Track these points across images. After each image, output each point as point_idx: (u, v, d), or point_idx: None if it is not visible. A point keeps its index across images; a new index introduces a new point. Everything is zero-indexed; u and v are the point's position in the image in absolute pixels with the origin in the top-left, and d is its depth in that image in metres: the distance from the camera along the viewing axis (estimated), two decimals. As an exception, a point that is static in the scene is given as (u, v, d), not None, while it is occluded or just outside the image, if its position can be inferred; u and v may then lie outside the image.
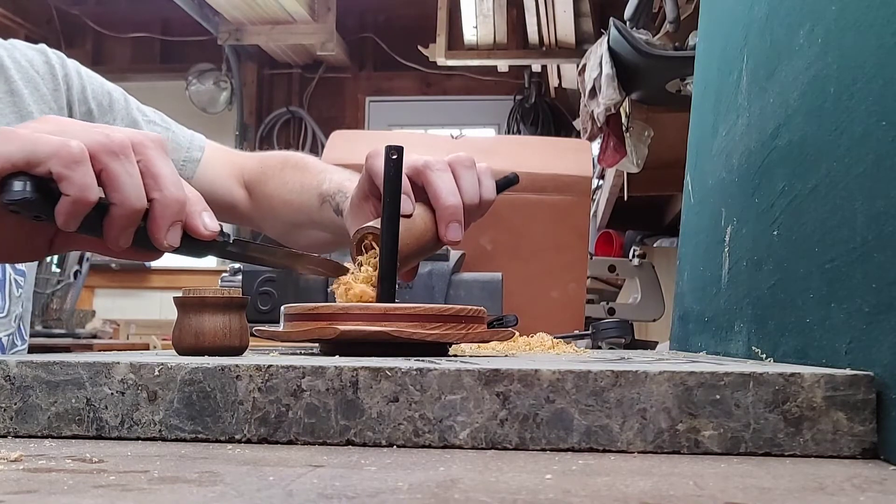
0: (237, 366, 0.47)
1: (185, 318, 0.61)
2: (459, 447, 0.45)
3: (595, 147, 2.11)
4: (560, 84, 4.63)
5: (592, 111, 1.94)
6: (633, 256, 2.09)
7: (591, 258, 2.18)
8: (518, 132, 5.22)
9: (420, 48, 4.54)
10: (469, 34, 4.22)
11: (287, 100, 5.71)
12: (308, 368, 0.46)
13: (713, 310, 0.82)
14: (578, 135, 2.90)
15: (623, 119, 1.90)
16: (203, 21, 4.82)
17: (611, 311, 1.99)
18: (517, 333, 0.83)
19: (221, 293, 0.61)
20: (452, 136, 1.64)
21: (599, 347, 1.27)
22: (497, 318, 0.74)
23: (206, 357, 0.55)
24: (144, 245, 0.62)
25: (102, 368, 0.48)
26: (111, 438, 0.47)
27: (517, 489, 0.35)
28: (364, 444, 0.46)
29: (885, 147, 0.46)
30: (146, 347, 3.88)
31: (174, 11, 4.80)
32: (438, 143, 1.64)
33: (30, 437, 0.48)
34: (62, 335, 3.68)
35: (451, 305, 0.64)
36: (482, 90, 5.46)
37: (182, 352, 0.61)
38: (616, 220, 2.67)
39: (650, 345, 1.53)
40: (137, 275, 5.44)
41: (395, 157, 0.72)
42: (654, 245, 2.52)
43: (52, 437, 0.48)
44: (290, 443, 0.46)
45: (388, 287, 0.69)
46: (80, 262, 3.77)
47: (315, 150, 5.23)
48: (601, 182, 2.61)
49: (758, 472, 0.39)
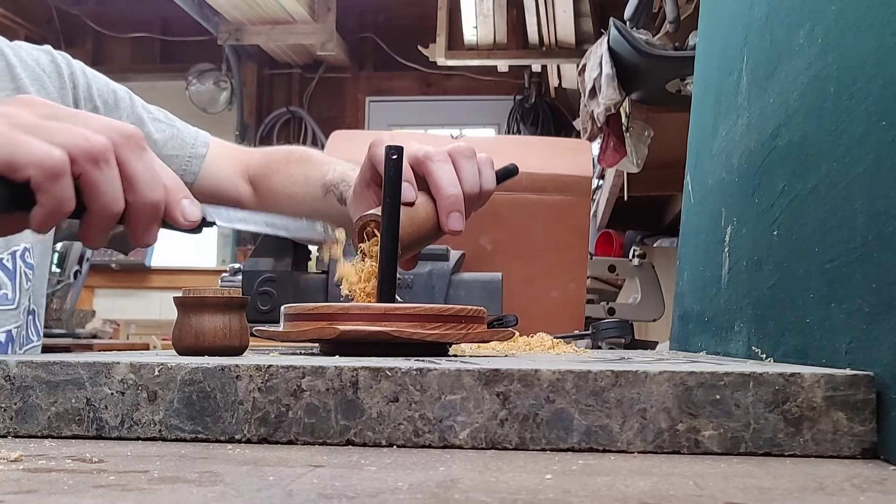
0: (237, 366, 0.47)
1: (185, 318, 0.61)
2: (459, 447, 0.45)
3: (595, 147, 2.11)
4: (560, 84, 4.63)
5: (592, 111, 1.94)
6: (633, 256, 2.09)
7: (591, 258, 2.18)
8: (518, 132, 5.22)
9: (420, 48, 4.54)
10: (469, 34, 4.22)
11: (287, 100, 5.71)
12: (308, 368, 0.46)
13: (713, 310, 0.82)
14: (578, 135, 2.90)
15: (623, 119, 1.90)
16: (203, 21, 4.82)
17: (611, 311, 1.99)
18: (517, 333, 0.83)
19: (221, 293, 0.61)
20: (452, 136, 1.64)
21: (599, 347, 1.27)
22: (497, 318, 0.74)
23: (206, 357, 0.55)
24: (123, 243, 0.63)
25: (102, 368, 0.48)
26: (111, 438, 0.47)
27: (517, 489, 0.35)
28: (364, 444, 0.46)
29: (885, 147, 0.46)
30: (146, 347, 3.88)
31: (174, 11, 4.80)
32: (438, 144, 1.64)
33: (30, 437, 0.48)
34: (62, 335, 3.67)
35: (451, 305, 0.64)
36: (482, 90, 5.46)
37: (182, 352, 0.61)
38: (616, 220, 2.67)
39: (650, 345, 1.53)
40: (137, 275, 5.44)
41: (395, 157, 0.72)
42: (654, 245, 2.52)
43: (52, 437, 0.48)
44: (290, 443, 0.46)
45: (388, 287, 0.69)
46: (80, 262, 3.77)
47: (315, 150, 5.22)
48: (601, 182, 2.61)
49: (758, 472, 0.39)
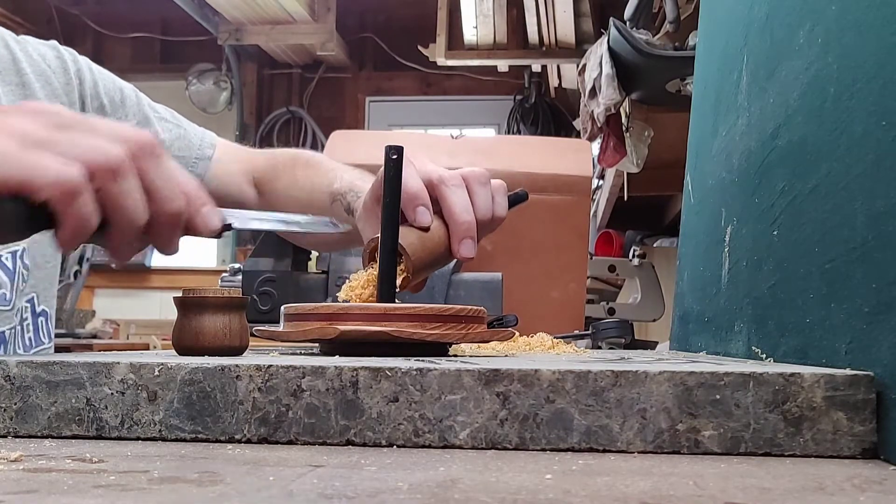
0: (237, 366, 0.47)
1: (185, 318, 0.60)
2: (459, 447, 0.45)
3: (595, 147, 2.11)
4: (560, 84, 4.63)
5: (592, 111, 1.94)
6: (633, 256, 2.09)
7: (591, 258, 2.18)
8: (518, 132, 5.22)
9: (420, 48, 4.55)
10: (469, 34, 4.22)
11: (287, 100, 5.71)
12: (308, 368, 0.46)
13: (713, 310, 0.82)
14: (578, 135, 2.90)
15: (623, 119, 1.90)
16: (203, 21, 4.82)
17: (611, 311, 1.99)
18: (517, 333, 0.83)
19: (221, 293, 0.61)
20: (452, 136, 1.64)
21: (599, 347, 1.27)
22: (497, 318, 0.74)
23: (206, 357, 0.55)
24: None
25: (102, 368, 0.48)
26: (111, 438, 0.47)
27: (517, 489, 0.35)
28: (364, 444, 0.46)
29: (885, 147, 0.46)
30: (146, 347, 3.88)
31: (174, 11, 4.81)
32: (438, 143, 1.64)
33: (30, 437, 0.48)
34: (62, 335, 3.67)
35: (451, 305, 0.64)
36: (482, 90, 5.46)
37: (182, 352, 0.61)
38: (616, 220, 2.67)
39: (650, 345, 1.53)
40: (137, 275, 5.44)
41: (395, 157, 0.72)
42: (654, 245, 2.52)
43: (52, 437, 0.48)
44: (290, 443, 0.46)
45: (388, 287, 0.69)
46: (80, 263, 3.77)
47: (315, 150, 5.22)
48: (601, 182, 2.61)
49: (758, 472, 0.39)
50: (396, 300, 0.69)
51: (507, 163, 1.46)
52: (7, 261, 0.96)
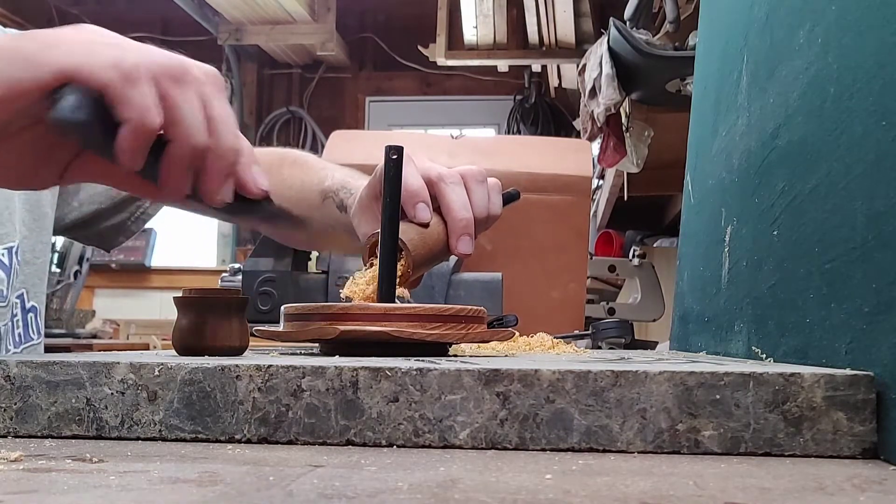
0: (237, 366, 0.47)
1: (185, 318, 0.60)
2: (459, 447, 0.45)
3: (595, 147, 2.11)
4: (560, 84, 4.63)
5: (592, 111, 1.94)
6: (633, 256, 2.09)
7: (591, 258, 2.18)
8: (518, 132, 5.21)
9: (420, 48, 4.54)
10: (469, 34, 4.22)
11: (287, 100, 5.71)
12: (308, 368, 0.46)
13: (713, 310, 0.82)
14: (578, 135, 2.90)
15: (623, 119, 1.90)
16: (203, 21, 4.82)
17: (611, 311, 1.99)
18: (517, 333, 0.83)
19: (221, 293, 0.61)
20: (452, 136, 1.64)
21: (599, 347, 1.27)
22: (497, 318, 0.74)
23: (206, 357, 0.55)
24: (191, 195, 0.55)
25: (102, 368, 0.48)
26: (111, 438, 0.47)
27: (517, 489, 0.35)
28: (364, 444, 0.46)
29: (885, 147, 0.46)
30: (146, 347, 3.87)
31: (174, 11, 4.80)
32: (438, 143, 1.64)
33: (30, 437, 0.48)
34: (62, 335, 3.67)
35: (451, 305, 0.64)
36: (482, 90, 5.46)
37: (182, 352, 0.61)
38: (616, 220, 2.67)
39: (650, 345, 1.53)
40: (137, 275, 5.44)
41: (395, 157, 0.72)
42: (654, 245, 2.52)
43: (52, 437, 0.48)
44: (290, 443, 0.46)
45: (388, 287, 0.69)
46: (80, 262, 3.77)
47: (315, 150, 5.21)
48: (601, 182, 2.61)
49: (758, 472, 0.39)
50: (398, 300, 0.70)
51: (507, 163, 1.46)
52: (3, 257, 0.96)
